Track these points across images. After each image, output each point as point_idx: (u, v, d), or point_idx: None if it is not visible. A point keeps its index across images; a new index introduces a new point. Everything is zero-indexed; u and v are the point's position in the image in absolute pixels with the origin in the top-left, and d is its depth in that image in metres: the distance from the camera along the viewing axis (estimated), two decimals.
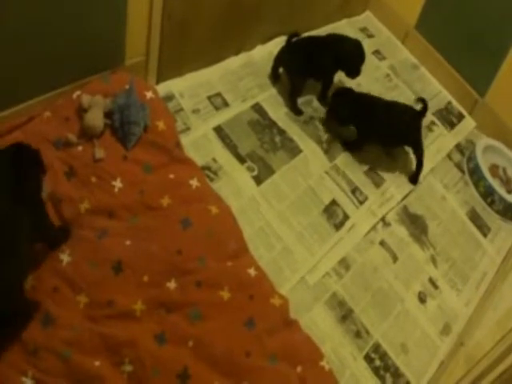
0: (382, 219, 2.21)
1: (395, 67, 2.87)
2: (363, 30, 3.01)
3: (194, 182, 1.90)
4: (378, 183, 2.33)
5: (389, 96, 2.66)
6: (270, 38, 2.62)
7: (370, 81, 2.70)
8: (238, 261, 1.78)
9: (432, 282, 2.12)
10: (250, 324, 1.67)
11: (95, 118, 1.88)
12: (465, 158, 2.61)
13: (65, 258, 1.62)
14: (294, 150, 2.24)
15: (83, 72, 2.00)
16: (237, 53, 2.50)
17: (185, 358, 1.55)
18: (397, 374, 1.84)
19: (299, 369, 1.67)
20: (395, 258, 2.12)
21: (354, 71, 2.41)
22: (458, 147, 2.66)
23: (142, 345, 1.53)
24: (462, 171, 2.56)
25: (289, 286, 1.87)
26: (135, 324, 1.58)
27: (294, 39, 2.35)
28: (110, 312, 1.57)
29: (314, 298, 1.89)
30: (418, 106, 2.35)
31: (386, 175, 2.36)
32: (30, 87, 1.88)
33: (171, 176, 1.89)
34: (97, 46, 1.96)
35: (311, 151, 2.28)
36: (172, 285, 1.66)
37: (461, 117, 2.81)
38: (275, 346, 1.67)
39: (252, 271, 1.78)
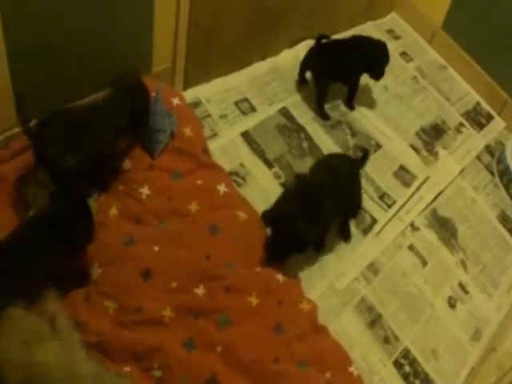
0: (411, 223, 2.14)
1: (422, 69, 2.78)
2: (389, 31, 2.93)
3: (222, 188, 1.87)
4: (407, 183, 2.26)
5: (417, 99, 2.60)
6: (296, 42, 2.58)
7: (397, 83, 2.63)
8: (267, 266, 1.74)
9: (462, 286, 2.04)
10: (279, 330, 1.63)
11: None
12: (494, 159, 2.52)
13: (95, 271, 1.62)
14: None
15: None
16: (263, 58, 2.46)
17: (213, 363, 1.52)
18: (426, 380, 1.77)
19: (328, 375, 1.62)
20: (424, 263, 2.04)
21: (378, 72, 2.35)
22: (488, 149, 2.56)
23: (170, 351, 1.51)
24: (492, 173, 2.47)
25: (317, 291, 1.83)
26: (164, 330, 1.56)
27: (322, 41, 2.30)
28: (139, 318, 1.55)
29: (342, 303, 1.84)
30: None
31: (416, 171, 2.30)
32: (57, 98, 1.81)
33: (199, 182, 1.87)
34: (124, 54, 1.94)
35: None
36: (200, 291, 1.63)
37: (490, 118, 2.71)
38: (304, 352, 1.63)
39: (280, 277, 1.73)
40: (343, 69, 2.31)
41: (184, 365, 1.50)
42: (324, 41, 2.30)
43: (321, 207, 1.76)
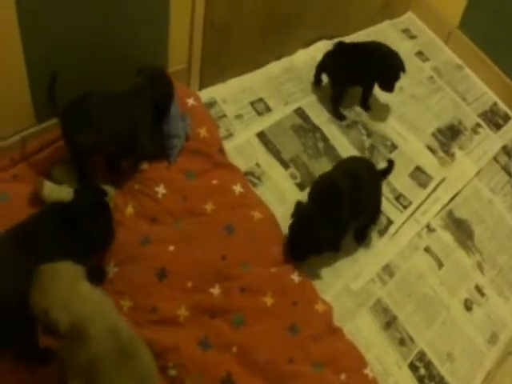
0: (427, 225, 2.12)
1: (439, 68, 2.76)
2: (405, 31, 2.91)
3: (238, 188, 1.87)
4: (423, 183, 2.24)
5: (433, 99, 2.58)
6: (312, 42, 2.57)
7: (413, 83, 2.60)
8: (282, 266, 1.75)
9: (478, 289, 2.01)
10: (294, 330, 1.63)
11: None
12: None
13: (110, 269, 1.62)
14: (336, 158, 2.17)
15: None
16: (278, 58, 2.46)
17: (228, 363, 1.53)
18: (442, 383, 1.76)
19: (343, 376, 1.62)
20: (440, 265, 2.02)
21: (387, 87, 2.31)
22: (505, 149, 2.53)
23: (185, 350, 1.52)
24: (509, 174, 2.43)
25: (332, 292, 1.82)
26: (179, 330, 1.56)
27: (338, 45, 2.30)
28: (154, 317, 1.56)
29: (357, 304, 1.83)
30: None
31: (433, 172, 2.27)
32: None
33: (214, 182, 1.87)
34: (140, 55, 1.95)
35: None
36: (216, 290, 1.64)
37: (507, 118, 2.67)
38: (319, 353, 1.63)
39: (295, 277, 1.73)
40: (359, 73, 2.29)
41: (199, 364, 1.50)
42: (339, 43, 2.31)
43: (340, 211, 1.76)
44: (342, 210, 1.76)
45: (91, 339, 1.23)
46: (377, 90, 2.37)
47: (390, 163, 2.00)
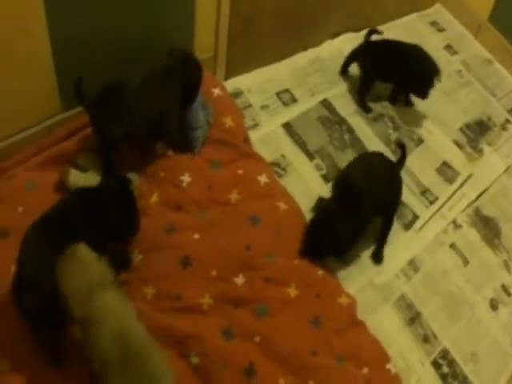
0: (453, 221, 2.08)
1: (468, 62, 2.70)
2: (433, 23, 2.84)
3: (263, 178, 1.86)
4: (450, 179, 2.20)
5: (462, 93, 2.52)
6: (338, 34, 2.53)
7: (442, 77, 2.55)
8: (306, 258, 1.73)
9: (505, 288, 1.97)
10: (317, 322, 1.62)
11: None
12: None
13: (135, 257, 1.62)
14: (362, 150, 2.15)
15: None
16: (304, 49, 2.43)
17: (251, 353, 1.52)
18: (465, 382, 1.72)
19: (365, 370, 1.60)
20: (466, 262, 1.99)
21: (420, 93, 2.25)
22: None
23: (208, 339, 1.51)
24: None
25: (356, 286, 1.80)
26: (202, 318, 1.56)
27: (373, 38, 2.26)
28: (178, 305, 1.56)
29: (381, 299, 1.80)
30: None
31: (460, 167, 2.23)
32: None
33: (240, 172, 1.86)
34: (166, 44, 1.92)
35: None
36: (240, 280, 1.63)
37: None
38: (342, 347, 1.61)
39: (319, 269, 1.72)
40: (389, 71, 2.25)
41: (222, 353, 1.50)
42: (375, 37, 2.26)
43: (360, 211, 1.73)
44: (362, 209, 1.73)
45: (96, 342, 1.25)
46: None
47: (402, 147, 1.97)
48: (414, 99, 2.35)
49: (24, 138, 1.81)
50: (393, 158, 2.10)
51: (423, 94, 2.23)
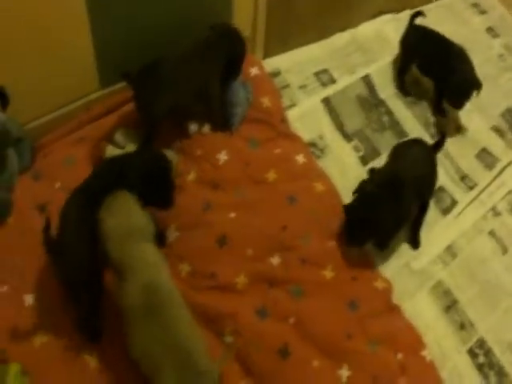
0: (492, 208, 2.02)
1: (510, 46, 2.60)
2: (475, 5, 2.74)
3: (300, 158, 1.83)
4: (490, 165, 2.13)
5: (503, 78, 2.43)
6: (376, 15, 2.47)
7: (482, 61, 2.45)
8: (342, 240, 1.70)
9: None
10: (352, 306, 1.60)
11: None
12: None
13: (171, 234, 1.62)
14: (400, 133, 2.10)
15: None
16: (343, 29, 2.38)
17: (285, 334, 1.51)
18: (501, 373, 1.68)
19: (400, 356, 1.58)
20: (505, 250, 1.93)
21: (454, 102, 2.11)
22: None
23: (242, 318, 1.51)
24: None
25: (392, 270, 1.76)
26: (237, 297, 1.56)
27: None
28: (213, 283, 1.56)
29: (417, 284, 1.77)
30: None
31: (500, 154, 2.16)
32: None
33: (277, 151, 1.84)
34: (204, 22, 1.90)
35: (418, 135, 2.10)
36: (275, 260, 1.62)
37: None
38: (377, 331, 1.59)
39: (356, 252, 1.69)
40: (430, 67, 2.16)
41: (256, 333, 1.50)
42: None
43: (405, 201, 1.67)
44: (407, 198, 1.67)
45: (126, 288, 1.28)
46: None
47: (442, 136, 1.91)
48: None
49: (62, 115, 1.82)
50: (431, 142, 2.06)
51: (458, 104, 2.10)
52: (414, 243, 1.83)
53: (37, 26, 1.60)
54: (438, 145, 1.92)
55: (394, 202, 1.64)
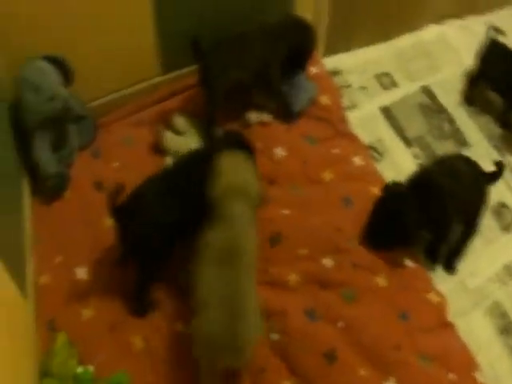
0: None
1: None
2: None
3: (358, 160, 1.78)
4: None
5: None
6: (443, 18, 2.39)
7: None
8: (397, 249, 1.63)
9: None
10: (404, 316, 1.53)
11: None
12: None
13: None
14: (462, 143, 2.03)
15: None
16: (407, 31, 2.32)
17: (334, 338, 1.46)
18: None
19: (451, 376, 1.49)
20: None
21: None
22: None
23: (291, 317, 1.47)
24: None
25: (446, 286, 1.68)
26: (287, 295, 1.51)
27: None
28: (264, 279, 1.51)
29: (472, 303, 1.69)
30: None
31: None
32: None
33: (335, 151, 1.80)
34: (265, 12, 1.88)
35: (481, 146, 2.04)
36: (328, 261, 1.56)
37: None
38: (428, 346, 1.51)
39: (410, 262, 1.62)
40: (503, 86, 2.05)
41: (304, 333, 1.45)
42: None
43: (439, 207, 1.58)
44: (441, 206, 1.58)
45: (209, 234, 1.33)
46: None
47: (499, 166, 1.76)
48: None
49: (124, 96, 1.83)
50: (496, 154, 1.98)
51: None
52: (449, 266, 1.72)
53: (104, 9, 1.62)
54: (496, 175, 1.77)
55: (424, 205, 1.55)
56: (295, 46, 1.79)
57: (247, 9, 1.85)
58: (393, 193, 1.61)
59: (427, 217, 1.57)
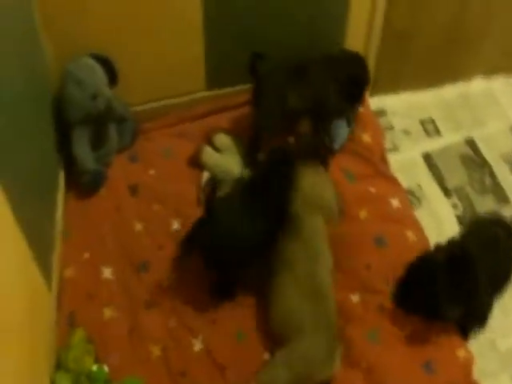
0: None
1: None
2: None
3: (395, 202, 1.78)
4: None
5: None
6: (492, 72, 2.43)
7: None
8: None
9: None
10: (428, 368, 1.49)
11: None
12: None
13: None
14: (503, 199, 2.03)
15: None
16: (454, 81, 2.36)
17: (356, 379, 1.45)
18: None
19: None
20: None
21: None
22: None
23: None
24: None
25: (475, 345, 1.63)
26: None
27: None
28: None
29: (502, 366, 1.65)
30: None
31: None
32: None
33: (372, 189, 1.81)
34: (316, 45, 1.95)
35: None
36: (355, 298, 1.57)
37: None
38: None
39: None
40: None
41: None
42: None
43: (471, 283, 1.53)
44: (475, 282, 1.53)
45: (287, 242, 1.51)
46: None
47: None
48: None
49: (166, 106, 1.91)
50: None
51: None
52: (464, 332, 1.64)
53: (157, 16, 1.72)
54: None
55: (457, 275, 1.51)
56: (353, 79, 1.84)
57: (297, 40, 1.92)
58: (428, 261, 1.59)
59: (460, 291, 1.53)
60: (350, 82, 1.82)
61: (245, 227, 1.47)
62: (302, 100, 1.79)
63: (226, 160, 1.77)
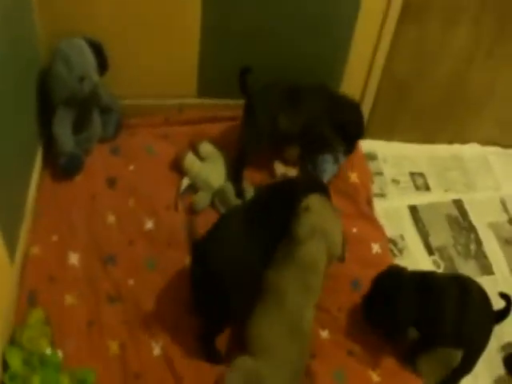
0: None
1: None
2: None
3: (376, 247, 2.12)
4: None
5: None
6: (487, 142, 2.85)
7: None
8: (396, 347, 1.91)
9: None
10: None
11: None
12: None
13: None
14: (485, 268, 2.38)
15: None
16: (449, 141, 2.78)
17: None
18: None
19: None
20: None
21: None
22: None
23: None
24: None
25: None
26: None
27: None
28: None
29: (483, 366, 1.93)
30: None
31: None
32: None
33: (354, 230, 2.14)
34: (312, 78, 2.30)
35: (504, 279, 2.37)
36: (325, 334, 1.86)
37: None
38: None
39: (410, 368, 1.88)
40: None
41: None
42: None
43: (437, 310, 1.85)
44: (439, 309, 1.84)
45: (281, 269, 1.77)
46: None
47: (508, 302, 1.93)
48: None
49: (153, 105, 2.25)
50: None
51: None
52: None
53: (156, 13, 2.06)
54: (504, 313, 1.93)
55: (422, 298, 1.85)
56: (348, 127, 2.24)
57: (295, 66, 2.29)
58: (395, 273, 1.91)
59: (422, 315, 1.85)
60: (344, 128, 2.21)
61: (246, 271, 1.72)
62: (293, 125, 2.14)
63: (209, 170, 2.08)
